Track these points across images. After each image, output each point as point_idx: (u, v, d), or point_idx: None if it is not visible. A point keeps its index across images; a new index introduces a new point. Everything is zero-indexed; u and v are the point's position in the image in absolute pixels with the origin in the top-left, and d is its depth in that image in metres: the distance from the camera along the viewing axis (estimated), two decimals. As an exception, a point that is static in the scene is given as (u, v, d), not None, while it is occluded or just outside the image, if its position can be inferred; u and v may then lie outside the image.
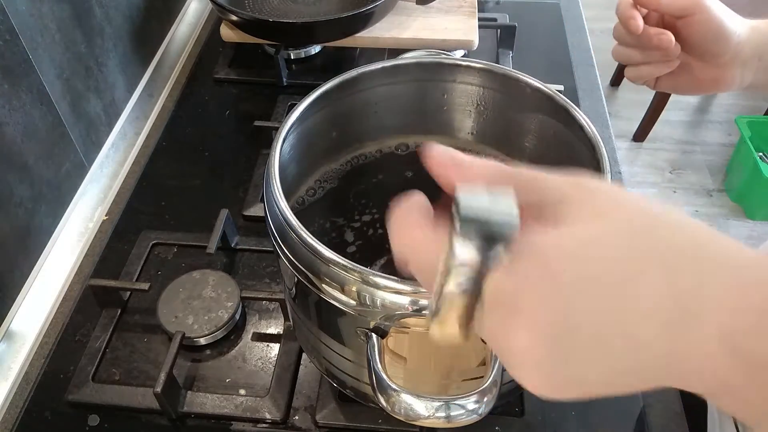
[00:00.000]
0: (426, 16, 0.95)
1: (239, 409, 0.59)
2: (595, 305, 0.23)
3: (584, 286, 0.24)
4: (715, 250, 0.24)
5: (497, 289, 0.25)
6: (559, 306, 0.24)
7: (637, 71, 0.56)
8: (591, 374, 0.24)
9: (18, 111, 0.65)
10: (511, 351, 0.25)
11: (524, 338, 0.24)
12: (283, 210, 0.43)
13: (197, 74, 0.97)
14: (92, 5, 0.79)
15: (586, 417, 0.59)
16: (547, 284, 0.24)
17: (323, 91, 0.52)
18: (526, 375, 0.25)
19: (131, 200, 0.79)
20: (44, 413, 0.60)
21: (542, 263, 0.24)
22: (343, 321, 0.44)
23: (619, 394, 0.25)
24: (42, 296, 0.69)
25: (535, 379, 0.25)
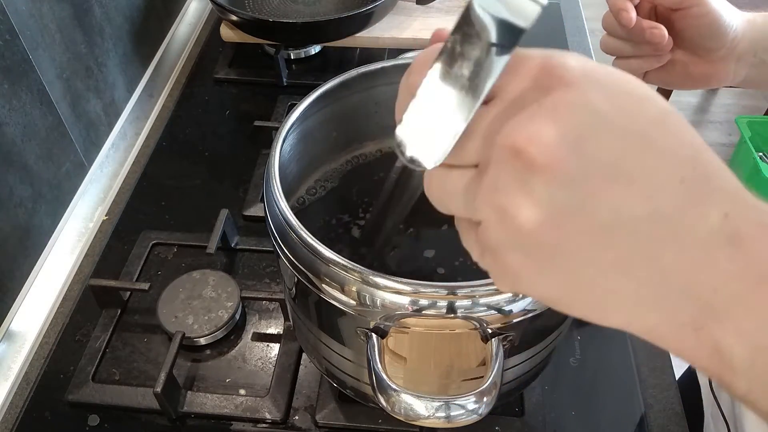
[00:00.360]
0: (426, 16, 0.95)
1: (239, 409, 0.59)
2: (621, 128, 0.22)
3: (614, 109, 0.22)
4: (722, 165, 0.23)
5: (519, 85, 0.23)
6: (591, 112, 0.22)
7: (627, 64, 0.54)
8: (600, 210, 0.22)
9: (18, 111, 0.65)
10: (525, 150, 0.22)
11: (547, 132, 0.21)
12: (283, 210, 0.43)
13: (197, 74, 0.97)
14: (92, 5, 0.79)
15: (586, 417, 0.59)
16: (581, 90, 0.22)
17: (323, 91, 0.52)
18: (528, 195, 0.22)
19: (131, 200, 0.79)
20: (44, 413, 0.60)
21: (581, 70, 0.22)
22: (343, 321, 0.44)
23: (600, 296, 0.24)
24: (42, 296, 0.69)
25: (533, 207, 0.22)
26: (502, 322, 0.40)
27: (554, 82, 0.22)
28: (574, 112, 0.22)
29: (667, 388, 0.62)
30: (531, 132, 0.22)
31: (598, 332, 0.65)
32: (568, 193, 0.22)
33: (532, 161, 0.21)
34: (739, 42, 0.52)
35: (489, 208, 0.23)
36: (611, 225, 0.22)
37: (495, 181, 0.23)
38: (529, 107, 0.22)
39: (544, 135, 0.21)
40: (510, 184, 0.22)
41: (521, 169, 0.22)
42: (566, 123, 0.21)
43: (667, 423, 0.59)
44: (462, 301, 0.39)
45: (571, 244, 0.23)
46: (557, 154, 0.21)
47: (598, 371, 0.62)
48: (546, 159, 0.21)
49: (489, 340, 0.41)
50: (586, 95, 0.22)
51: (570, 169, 0.21)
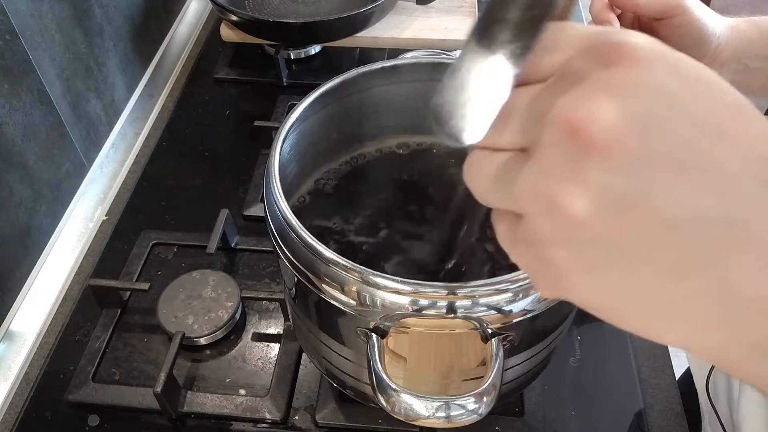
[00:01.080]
0: (426, 16, 0.95)
1: (239, 409, 0.59)
2: (693, 113, 0.19)
3: (686, 91, 0.19)
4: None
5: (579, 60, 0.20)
6: (660, 91, 0.19)
7: None
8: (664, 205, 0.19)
9: (18, 111, 0.65)
10: (582, 129, 0.19)
11: (609, 109, 0.19)
12: (283, 210, 0.43)
13: (197, 74, 0.97)
14: (92, 5, 0.79)
15: (586, 417, 0.59)
16: (649, 68, 0.19)
17: (323, 91, 0.52)
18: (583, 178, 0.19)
19: (131, 200, 0.79)
20: (44, 413, 0.60)
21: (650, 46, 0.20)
22: (343, 321, 0.44)
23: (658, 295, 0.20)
24: (42, 296, 0.69)
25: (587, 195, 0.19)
26: (502, 322, 0.40)
27: (620, 58, 0.19)
28: (641, 91, 0.19)
29: (667, 388, 0.62)
30: (590, 109, 0.19)
31: (598, 332, 0.65)
32: (628, 182, 0.19)
33: (590, 142, 0.19)
34: (723, 49, 0.51)
35: (535, 196, 0.20)
36: (675, 222, 0.19)
37: (543, 166, 0.20)
38: (589, 82, 0.20)
39: (606, 112, 0.19)
40: (561, 169, 0.20)
41: (576, 152, 0.19)
42: (632, 102, 0.19)
43: (667, 423, 0.59)
44: (462, 301, 0.39)
45: (627, 241, 0.20)
46: (620, 135, 0.19)
47: (598, 371, 0.62)
48: (607, 140, 0.19)
49: (489, 340, 0.41)
50: (656, 75, 0.19)
51: (633, 155, 0.19)
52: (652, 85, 0.19)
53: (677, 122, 0.19)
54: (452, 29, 0.93)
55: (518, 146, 0.22)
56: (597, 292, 0.21)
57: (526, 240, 0.22)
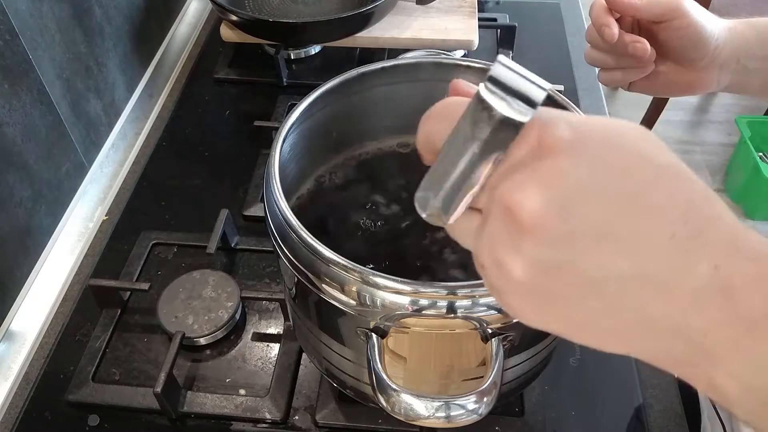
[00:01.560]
0: (426, 16, 0.95)
1: (239, 409, 0.59)
2: (608, 191, 0.23)
3: (603, 173, 0.23)
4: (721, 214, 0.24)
5: (519, 151, 0.24)
6: (577, 178, 0.23)
7: (611, 75, 0.55)
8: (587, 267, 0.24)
9: (18, 111, 0.65)
10: (515, 213, 0.24)
11: (534, 198, 0.23)
12: (283, 210, 0.43)
13: (197, 74, 0.97)
14: (92, 5, 0.79)
15: (586, 417, 0.59)
16: (570, 157, 0.23)
17: (323, 91, 0.52)
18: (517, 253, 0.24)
19: (131, 200, 0.79)
20: (44, 413, 0.60)
21: (571, 138, 0.24)
22: (343, 321, 0.44)
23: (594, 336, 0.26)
24: (42, 296, 0.69)
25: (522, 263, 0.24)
26: (502, 322, 0.40)
27: (545, 150, 0.24)
28: (561, 178, 0.23)
29: (667, 388, 0.62)
30: (521, 196, 0.23)
31: (598, 332, 0.65)
32: (554, 252, 0.23)
33: (521, 223, 0.23)
34: (721, 50, 0.52)
35: (487, 257, 0.26)
36: (598, 280, 0.24)
37: (492, 233, 0.25)
38: (523, 171, 0.24)
39: (533, 200, 0.23)
40: (503, 240, 0.25)
41: (512, 228, 0.24)
42: (553, 189, 0.23)
43: (667, 423, 0.59)
44: (462, 301, 0.39)
45: (560, 293, 0.25)
46: (543, 217, 0.23)
47: (598, 371, 0.62)
48: (533, 222, 0.23)
49: (489, 340, 0.41)
50: (576, 161, 0.23)
51: (556, 231, 0.23)
52: (570, 173, 0.23)
53: (593, 201, 0.23)
54: (452, 29, 0.93)
55: (480, 209, 0.27)
56: (548, 325, 0.27)
57: (489, 284, 0.27)
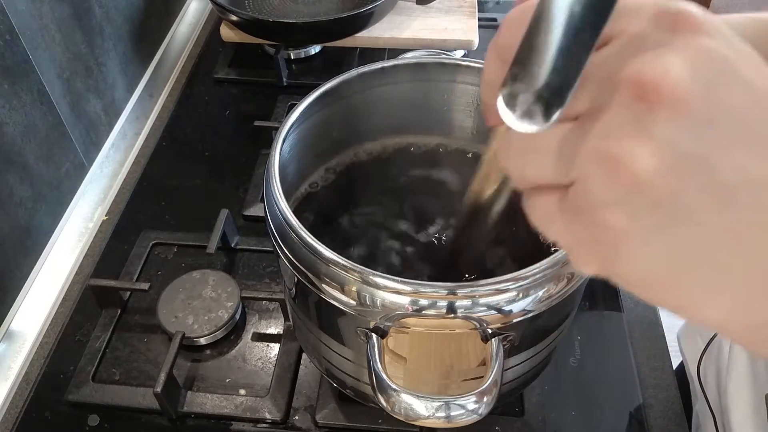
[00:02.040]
0: (426, 16, 0.95)
1: (239, 409, 0.59)
2: (754, 84, 0.20)
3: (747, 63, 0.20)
4: None
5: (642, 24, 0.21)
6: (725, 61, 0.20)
7: None
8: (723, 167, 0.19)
9: (18, 111, 0.65)
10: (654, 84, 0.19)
11: (680, 67, 0.19)
12: (283, 210, 0.43)
13: (197, 74, 0.97)
14: (92, 5, 0.79)
15: (586, 417, 0.59)
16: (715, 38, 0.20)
17: (323, 91, 0.52)
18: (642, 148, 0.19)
19: (131, 200, 0.79)
20: (44, 413, 0.60)
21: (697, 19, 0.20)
22: (343, 321, 0.44)
23: None
24: (42, 296, 0.69)
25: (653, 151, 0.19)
26: (502, 322, 0.40)
27: (684, 26, 0.20)
28: (708, 56, 0.19)
29: (667, 388, 0.62)
30: (661, 66, 0.19)
31: (598, 332, 0.65)
32: (694, 139, 0.19)
33: (659, 96, 0.19)
34: None
35: (595, 159, 0.20)
36: (734, 185, 0.19)
37: (610, 126, 0.20)
38: (657, 46, 0.20)
39: (676, 70, 0.19)
40: (627, 128, 0.19)
41: (645, 109, 0.19)
42: (700, 65, 0.19)
43: (667, 423, 0.59)
44: (462, 301, 0.39)
45: (690, 202, 0.19)
46: (689, 92, 0.19)
47: (598, 371, 0.62)
48: (676, 95, 0.19)
49: (489, 340, 0.41)
50: (718, 42, 0.20)
51: (700, 113, 0.19)
52: (718, 53, 0.20)
53: (740, 90, 0.19)
54: (452, 29, 0.93)
55: (575, 115, 0.21)
56: (649, 264, 0.21)
57: (575, 210, 0.21)
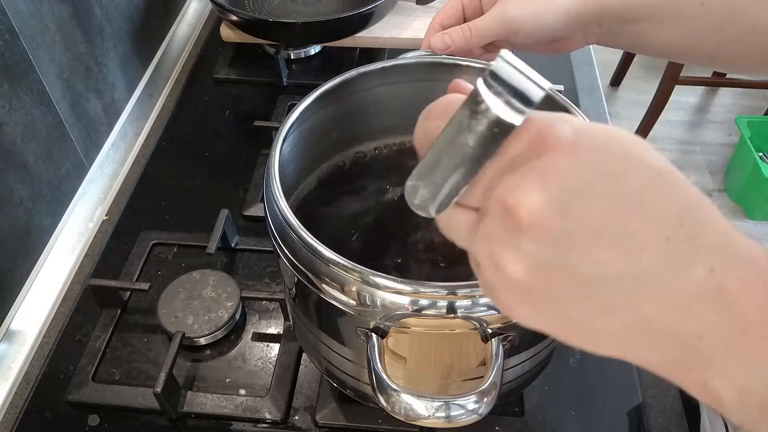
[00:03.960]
0: (426, 16, 0.95)
1: (239, 409, 0.59)
2: (607, 192, 0.23)
3: (602, 174, 0.24)
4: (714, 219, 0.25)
5: (517, 147, 0.24)
6: (577, 178, 0.23)
7: None
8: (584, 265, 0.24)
9: (18, 111, 0.65)
10: (514, 211, 0.24)
11: (534, 196, 0.23)
12: (283, 210, 0.43)
13: (197, 74, 0.97)
14: (92, 5, 0.79)
15: (586, 417, 0.59)
16: (571, 157, 0.24)
17: (323, 91, 0.52)
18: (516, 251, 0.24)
19: (131, 200, 0.79)
20: (44, 413, 0.60)
21: (573, 138, 0.24)
22: (343, 321, 0.44)
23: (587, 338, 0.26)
24: (42, 296, 0.69)
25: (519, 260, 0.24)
26: (502, 322, 0.40)
27: (546, 148, 0.24)
28: (561, 177, 0.23)
29: (667, 388, 0.62)
30: (520, 194, 0.24)
31: (598, 332, 0.65)
32: (551, 250, 0.24)
33: (520, 221, 0.24)
34: (577, 20, 0.52)
35: (484, 254, 0.26)
36: (594, 278, 0.24)
37: (489, 231, 0.25)
38: (522, 169, 0.24)
39: (532, 198, 0.23)
40: (501, 237, 0.25)
41: (510, 226, 0.24)
42: (553, 187, 0.23)
43: (667, 423, 0.59)
44: (462, 301, 0.39)
45: (556, 292, 0.25)
46: (542, 215, 0.23)
47: (598, 371, 0.62)
48: (531, 220, 0.23)
49: (489, 340, 0.41)
50: (575, 162, 0.23)
51: (554, 230, 0.23)
52: (573, 171, 0.23)
53: (591, 201, 0.23)
54: (452, 29, 0.93)
55: (475, 207, 0.27)
56: (541, 324, 0.27)
57: (482, 282, 0.27)
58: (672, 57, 0.56)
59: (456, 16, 0.55)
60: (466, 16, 0.55)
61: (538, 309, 0.26)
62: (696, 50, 0.52)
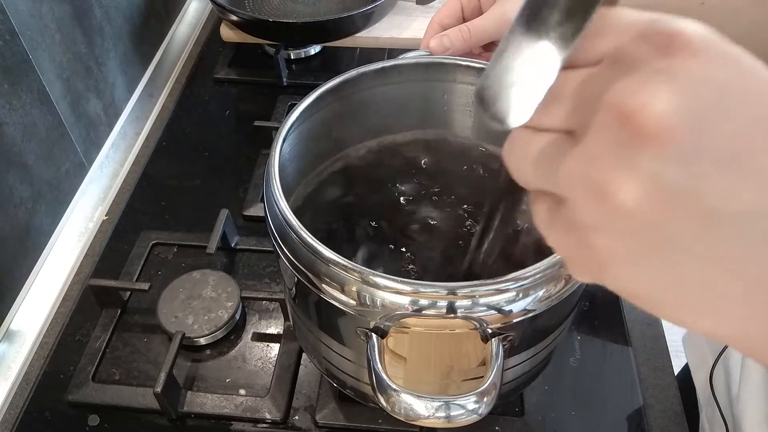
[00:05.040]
0: (426, 16, 0.95)
1: (239, 409, 0.59)
2: (744, 110, 0.19)
3: (739, 89, 0.19)
4: None
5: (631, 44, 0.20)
6: (714, 88, 0.19)
7: None
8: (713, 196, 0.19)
9: (18, 111, 0.65)
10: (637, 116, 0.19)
11: (665, 99, 0.18)
12: (283, 210, 0.43)
13: (197, 74, 0.97)
14: (92, 5, 0.79)
15: (586, 417, 0.59)
16: (706, 63, 0.19)
17: (323, 91, 0.52)
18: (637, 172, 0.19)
19: (131, 200, 0.79)
20: (44, 413, 0.60)
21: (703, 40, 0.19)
22: (343, 321, 0.44)
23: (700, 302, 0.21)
24: (42, 296, 0.69)
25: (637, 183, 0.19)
26: (502, 322, 0.40)
27: (677, 48, 0.19)
28: (698, 83, 0.19)
29: (667, 388, 0.62)
30: (646, 97, 0.19)
31: (598, 332, 0.65)
32: (679, 172, 0.19)
33: (643, 129, 0.19)
34: None
35: (582, 182, 0.20)
36: (722, 215, 0.19)
37: (594, 151, 0.20)
38: (644, 70, 0.19)
39: (662, 101, 0.19)
40: (611, 156, 0.19)
41: (628, 139, 0.19)
42: (689, 94, 0.19)
43: (667, 423, 0.59)
44: (462, 301, 0.39)
45: (674, 231, 0.19)
46: (675, 126, 0.18)
47: (598, 371, 0.62)
48: (661, 130, 0.19)
49: (489, 340, 0.41)
50: (713, 68, 0.19)
51: (686, 146, 0.19)
52: (709, 79, 0.19)
53: (732, 118, 0.19)
54: (452, 29, 0.93)
55: (565, 129, 0.21)
56: (637, 282, 0.21)
57: (568, 225, 0.22)
58: None
59: (455, 16, 0.55)
60: (465, 16, 0.55)
61: (643, 258, 0.20)
62: None
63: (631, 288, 0.21)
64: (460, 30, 0.53)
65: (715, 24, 0.51)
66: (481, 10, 0.54)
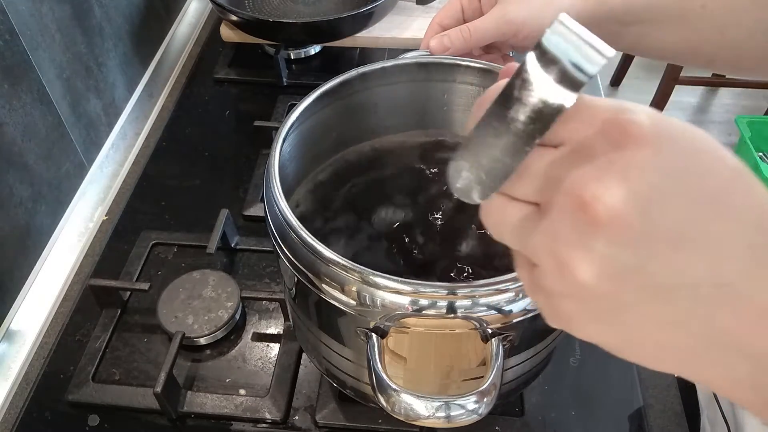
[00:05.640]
0: (426, 16, 0.95)
1: (239, 409, 0.59)
2: (690, 191, 0.21)
3: (685, 170, 0.21)
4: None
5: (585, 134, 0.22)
6: (661, 174, 0.21)
7: None
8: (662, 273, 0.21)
9: (18, 111, 0.65)
10: (590, 206, 0.21)
11: (614, 191, 0.21)
12: (283, 210, 0.43)
13: (197, 74, 0.97)
14: (92, 5, 0.79)
15: (586, 417, 0.59)
16: (654, 150, 0.21)
17: (323, 91, 0.52)
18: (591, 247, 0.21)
19: (131, 200, 0.79)
20: (44, 413, 0.60)
21: (654, 129, 0.21)
22: (343, 321, 0.44)
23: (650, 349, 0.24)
24: (42, 296, 0.69)
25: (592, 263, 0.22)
26: (502, 322, 0.40)
27: (627, 139, 0.21)
28: (645, 173, 0.21)
29: (667, 388, 0.62)
30: (599, 188, 0.21)
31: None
32: (629, 254, 0.21)
33: (597, 218, 0.21)
34: None
35: (547, 255, 0.23)
36: (671, 286, 0.22)
37: (555, 229, 0.23)
38: (599, 161, 0.22)
39: (613, 194, 0.21)
40: (570, 237, 0.22)
41: (584, 224, 0.21)
42: (636, 184, 0.21)
43: (667, 423, 0.59)
44: (462, 301, 0.39)
45: (627, 300, 0.22)
46: (623, 214, 0.21)
47: (598, 371, 0.62)
48: (611, 218, 0.21)
49: (489, 340, 0.41)
50: (659, 156, 0.21)
51: (635, 231, 0.21)
52: (657, 167, 0.21)
53: (677, 201, 0.21)
54: (452, 29, 0.93)
55: (533, 201, 0.24)
56: (601, 337, 0.25)
57: (538, 287, 0.25)
58: (672, 59, 0.56)
59: (455, 16, 0.55)
60: (465, 17, 0.55)
61: (601, 319, 0.24)
62: (697, 52, 0.52)
63: (597, 340, 0.25)
64: (460, 30, 0.53)
65: (716, 27, 0.51)
66: (481, 11, 0.54)
